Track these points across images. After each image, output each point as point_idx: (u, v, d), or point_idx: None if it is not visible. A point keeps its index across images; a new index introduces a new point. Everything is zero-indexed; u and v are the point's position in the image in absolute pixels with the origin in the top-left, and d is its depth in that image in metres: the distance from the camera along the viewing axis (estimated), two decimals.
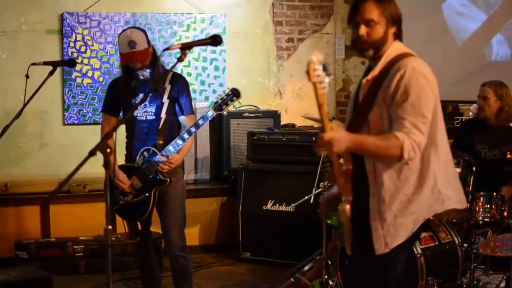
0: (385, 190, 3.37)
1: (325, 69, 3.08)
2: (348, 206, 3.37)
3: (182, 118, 5.09)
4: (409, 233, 3.41)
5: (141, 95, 4.98)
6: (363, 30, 3.39)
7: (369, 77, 3.44)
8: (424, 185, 3.39)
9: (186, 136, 4.87)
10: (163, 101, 5.00)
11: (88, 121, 7.52)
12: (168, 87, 5.01)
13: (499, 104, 5.84)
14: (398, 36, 3.48)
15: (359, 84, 3.54)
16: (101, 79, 7.53)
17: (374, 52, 3.43)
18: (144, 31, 5.02)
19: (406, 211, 3.38)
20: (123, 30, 5.00)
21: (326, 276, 5.46)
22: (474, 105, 6.19)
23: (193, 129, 4.86)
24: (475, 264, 5.29)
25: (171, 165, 4.91)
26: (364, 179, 3.41)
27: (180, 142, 4.88)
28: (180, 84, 5.08)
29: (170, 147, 4.88)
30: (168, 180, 4.97)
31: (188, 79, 7.39)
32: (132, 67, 4.93)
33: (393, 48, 3.45)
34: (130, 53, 4.86)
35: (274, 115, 7.79)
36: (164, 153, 4.87)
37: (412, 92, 3.25)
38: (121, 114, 5.19)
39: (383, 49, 3.43)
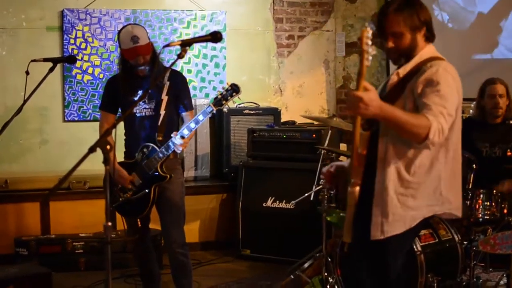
0: (390, 179, 3.45)
1: (372, 43, 3.16)
2: (357, 189, 3.42)
3: (183, 114, 5.09)
4: (406, 227, 3.49)
5: (140, 92, 4.98)
6: (390, 42, 3.53)
7: (401, 71, 3.56)
8: (428, 184, 3.48)
9: (193, 125, 4.87)
10: (162, 97, 5.00)
11: (88, 118, 7.52)
12: (167, 83, 5.01)
13: (508, 101, 5.85)
14: (429, 37, 3.59)
15: (386, 81, 3.66)
16: (101, 76, 7.53)
17: (405, 60, 3.56)
18: (143, 27, 5.03)
19: (406, 205, 3.47)
20: (123, 27, 5.00)
21: (326, 273, 5.46)
22: (475, 103, 6.17)
23: (193, 125, 4.86)
24: (475, 262, 5.28)
25: (186, 144, 4.92)
26: (373, 164, 3.50)
27: (186, 132, 4.87)
28: (178, 81, 5.09)
29: (185, 130, 4.86)
30: (168, 176, 4.97)
31: (188, 76, 7.45)
32: (134, 63, 4.92)
33: (427, 51, 3.57)
34: (134, 48, 4.86)
35: (274, 112, 7.78)
36: (180, 135, 4.85)
37: (442, 87, 3.37)
38: (119, 111, 5.19)
39: (414, 53, 3.55)
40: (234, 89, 4.95)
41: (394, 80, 3.56)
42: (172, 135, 4.86)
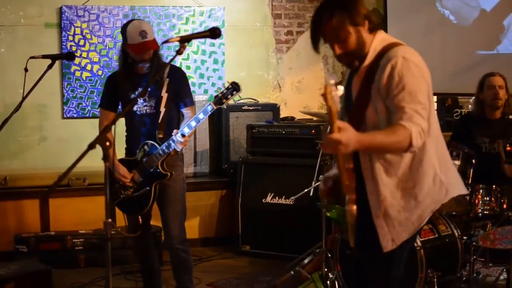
0: (384, 186, 3.32)
1: (336, 85, 3.00)
2: (354, 207, 3.26)
3: (184, 110, 5.09)
4: (416, 227, 3.38)
5: (140, 89, 4.97)
6: (337, 49, 3.32)
7: (360, 72, 3.36)
8: (425, 177, 3.34)
9: (193, 123, 4.86)
10: (162, 94, 4.98)
11: (87, 115, 7.51)
12: (166, 80, 5.00)
13: (507, 95, 5.85)
14: (374, 27, 3.37)
15: (348, 82, 3.49)
16: (100, 72, 7.52)
17: (360, 61, 3.35)
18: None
19: (409, 205, 3.35)
20: (128, 22, 4.96)
21: (326, 269, 5.46)
22: (474, 98, 6.16)
23: (193, 123, 4.85)
24: (474, 257, 5.29)
25: (186, 143, 4.89)
26: (361, 176, 3.36)
27: (187, 130, 4.86)
28: (178, 77, 5.07)
29: (186, 128, 4.85)
30: (169, 174, 4.96)
31: (187, 72, 7.44)
32: (140, 58, 4.89)
33: (378, 40, 3.36)
34: (143, 43, 4.84)
35: (273, 108, 7.78)
36: (180, 133, 4.83)
37: (407, 82, 3.18)
38: (119, 108, 5.19)
39: (364, 50, 3.35)
40: (235, 88, 4.93)
41: (357, 85, 3.38)
42: (173, 134, 4.86)
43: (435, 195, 3.39)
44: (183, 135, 4.81)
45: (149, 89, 4.97)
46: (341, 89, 2.96)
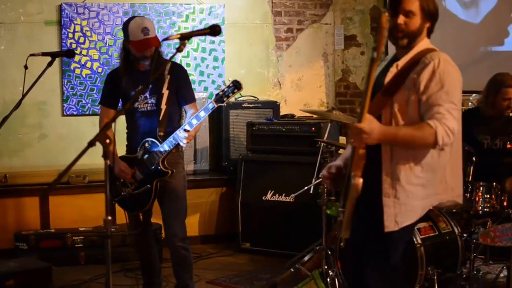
0: (400, 170, 3.48)
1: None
2: (361, 180, 3.34)
3: (185, 107, 5.08)
4: (417, 217, 3.55)
5: (140, 87, 4.96)
6: (401, 19, 3.51)
7: (400, 63, 3.55)
8: (437, 173, 3.52)
9: (194, 121, 4.85)
10: (163, 92, 4.98)
11: (87, 112, 7.51)
12: (167, 77, 4.99)
13: None
14: (429, 33, 3.62)
15: (384, 71, 3.64)
16: (100, 70, 7.52)
17: (407, 43, 3.55)
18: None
19: (418, 194, 3.50)
20: (130, 19, 4.95)
21: (326, 266, 5.46)
22: (474, 95, 6.16)
23: (194, 121, 4.84)
24: (475, 254, 5.29)
25: (190, 138, 4.90)
26: (376, 156, 3.49)
27: (189, 127, 4.85)
28: (179, 73, 5.07)
29: (186, 126, 4.84)
30: (170, 171, 4.96)
31: (187, 69, 7.40)
32: (141, 55, 4.89)
33: (424, 42, 3.59)
34: (145, 40, 4.84)
35: (274, 106, 7.78)
36: (182, 129, 4.83)
37: (447, 82, 3.40)
38: (120, 105, 5.18)
39: (416, 41, 3.56)
40: (236, 86, 4.93)
41: (393, 72, 3.56)
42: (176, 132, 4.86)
43: (438, 192, 3.58)
44: (186, 130, 4.80)
45: (150, 86, 4.97)
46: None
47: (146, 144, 5.00)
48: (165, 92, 4.98)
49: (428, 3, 3.53)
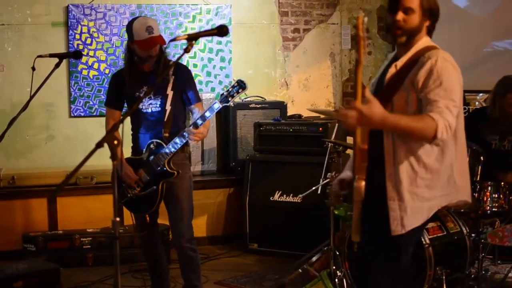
0: (403, 172, 3.44)
1: (367, 31, 3.13)
2: (363, 183, 3.34)
3: (191, 107, 5.08)
4: (424, 218, 3.50)
5: (145, 88, 4.96)
6: (400, 16, 3.48)
7: (399, 63, 3.52)
8: (442, 173, 3.48)
9: (199, 122, 4.85)
10: (167, 92, 4.98)
11: (94, 113, 7.52)
12: (172, 78, 4.99)
13: None
14: (430, 31, 3.59)
15: (383, 72, 3.62)
16: (107, 71, 7.52)
17: (406, 40, 3.52)
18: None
19: (423, 196, 3.46)
20: (133, 20, 4.96)
21: (334, 267, 5.45)
22: (481, 94, 6.14)
23: (199, 122, 4.84)
24: (483, 254, 5.28)
25: (200, 135, 4.89)
26: (380, 159, 3.46)
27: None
28: (183, 74, 5.06)
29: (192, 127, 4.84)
30: (176, 172, 4.96)
31: (194, 70, 7.45)
32: (146, 55, 4.87)
33: (424, 41, 3.55)
34: (150, 38, 4.84)
35: (281, 106, 7.77)
36: (195, 126, 4.82)
37: (445, 79, 3.36)
38: (125, 106, 5.18)
39: (415, 39, 3.53)
40: (241, 85, 4.93)
41: (392, 72, 3.53)
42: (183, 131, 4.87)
43: (447, 193, 3.53)
44: (195, 126, 4.79)
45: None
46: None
47: (152, 146, 4.99)
48: (170, 93, 4.98)
49: (428, 1, 3.50)
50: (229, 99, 4.93)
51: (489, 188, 5.39)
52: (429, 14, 3.52)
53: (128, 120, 5.09)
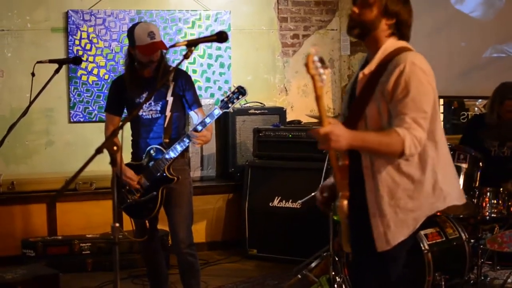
0: (383, 186, 3.32)
1: (322, 62, 3.05)
2: (345, 202, 3.31)
3: (191, 113, 5.08)
4: (411, 231, 3.36)
5: (146, 94, 4.96)
6: (355, 8, 3.40)
7: (366, 71, 3.39)
8: (425, 182, 3.34)
9: (199, 128, 4.85)
10: (167, 98, 4.98)
11: (94, 119, 7.52)
12: (171, 84, 4.99)
13: None
14: (395, 32, 3.41)
15: (356, 78, 3.50)
16: (106, 76, 7.53)
17: (359, 34, 3.42)
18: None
19: (406, 208, 3.33)
20: (134, 25, 4.96)
21: (333, 273, 5.45)
22: (480, 100, 6.15)
23: (199, 127, 4.84)
24: (482, 260, 5.28)
25: (204, 138, 4.89)
26: (360, 174, 3.36)
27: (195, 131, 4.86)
28: (183, 80, 5.05)
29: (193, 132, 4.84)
30: (176, 178, 4.96)
31: (194, 76, 7.45)
32: (148, 60, 4.87)
33: (390, 42, 3.39)
34: (152, 44, 4.84)
35: (280, 112, 7.78)
36: (194, 130, 4.82)
37: (413, 88, 3.21)
38: (125, 111, 5.18)
39: (376, 38, 3.40)
40: (241, 92, 4.94)
41: (362, 82, 3.40)
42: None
43: (433, 201, 3.39)
44: (195, 130, 4.80)
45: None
46: (326, 70, 3.06)
47: (152, 151, 5.00)
48: (170, 99, 4.98)
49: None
50: (229, 105, 4.94)
51: (488, 194, 5.40)
52: (388, 12, 3.36)
53: (128, 125, 5.10)
